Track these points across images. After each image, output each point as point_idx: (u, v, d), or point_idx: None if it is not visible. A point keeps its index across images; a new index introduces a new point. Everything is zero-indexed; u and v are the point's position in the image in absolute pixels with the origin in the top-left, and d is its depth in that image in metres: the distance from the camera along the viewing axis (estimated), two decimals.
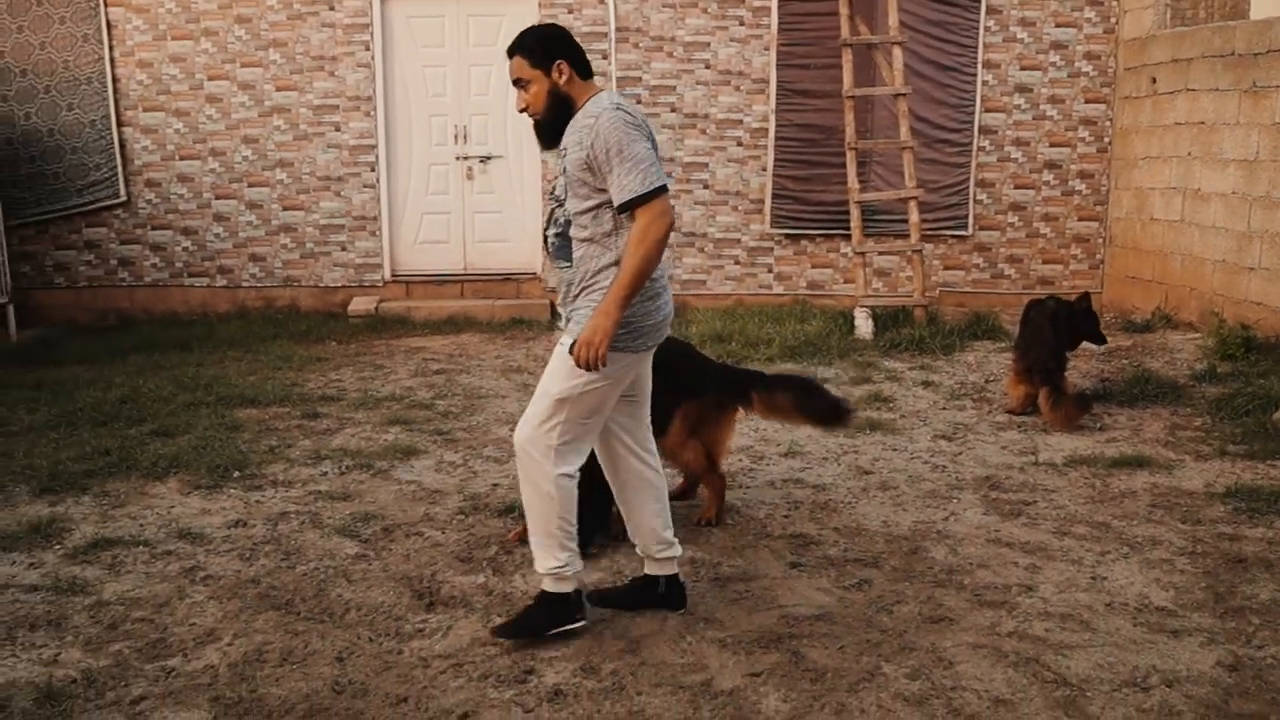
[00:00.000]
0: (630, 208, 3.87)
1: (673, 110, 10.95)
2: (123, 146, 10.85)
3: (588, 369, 3.86)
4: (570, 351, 3.91)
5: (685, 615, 4.36)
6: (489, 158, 11.05)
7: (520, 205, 11.10)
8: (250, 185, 11.01)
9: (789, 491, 5.82)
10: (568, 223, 4.05)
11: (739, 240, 11.16)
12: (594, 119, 3.91)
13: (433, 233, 11.26)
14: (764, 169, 11.01)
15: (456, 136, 11.11)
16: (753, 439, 6.69)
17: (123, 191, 10.90)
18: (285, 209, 11.06)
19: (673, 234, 11.13)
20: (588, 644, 4.13)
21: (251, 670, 3.95)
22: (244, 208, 11.04)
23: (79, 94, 10.71)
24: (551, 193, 4.11)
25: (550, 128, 4.09)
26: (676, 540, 4.42)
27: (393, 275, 11.24)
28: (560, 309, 4.18)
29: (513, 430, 6.84)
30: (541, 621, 4.15)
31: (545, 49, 4.04)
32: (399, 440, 6.70)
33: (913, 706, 3.67)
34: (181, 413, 7.28)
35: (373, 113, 10.94)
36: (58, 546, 5.09)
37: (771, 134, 10.91)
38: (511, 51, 4.09)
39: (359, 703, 3.73)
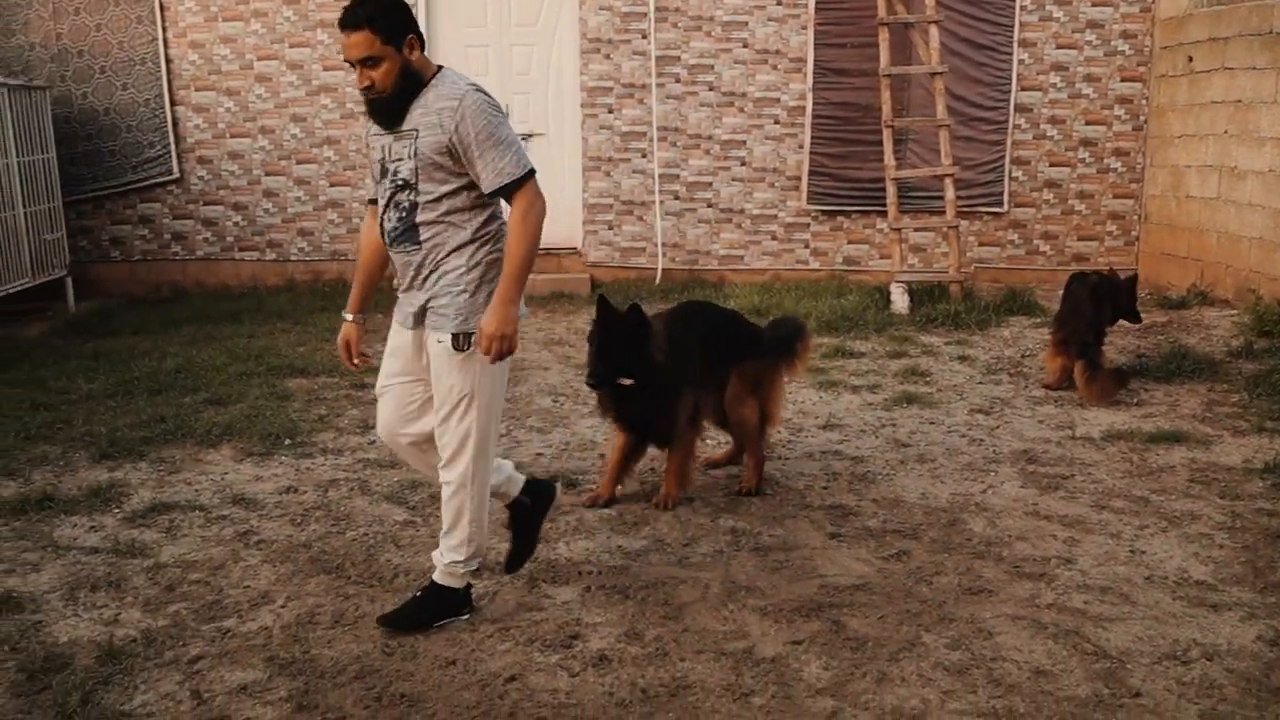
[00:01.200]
0: (506, 192, 3.72)
1: (711, 89, 10.96)
2: (175, 125, 11.00)
3: (501, 358, 3.79)
4: (455, 346, 3.82)
5: (727, 584, 4.39)
6: (530, 135, 11.05)
7: (561, 182, 11.06)
8: (298, 162, 11.13)
9: (827, 463, 5.86)
10: (413, 206, 3.80)
11: (776, 216, 11.18)
12: (456, 101, 3.67)
13: None
14: (801, 146, 11.01)
15: None
16: (791, 411, 6.72)
17: (175, 168, 11.06)
18: (332, 185, 11.18)
19: (710, 210, 11.22)
20: (632, 610, 4.18)
21: (304, 632, 4.04)
22: (292, 184, 11.16)
23: (133, 74, 10.86)
24: (389, 175, 3.82)
25: (399, 107, 3.74)
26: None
27: None
28: (400, 294, 3.98)
29: (555, 401, 7.00)
30: (430, 613, 4.06)
31: (394, 23, 3.66)
32: None
33: (953, 676, 3.70)
34: (234, 382, 7.41)
35: None
36: (117, 510, 5.22)
37: (808, 112, 10.90)
38: (352, 25, 3.64)
39: (409, 665, 3.80)
